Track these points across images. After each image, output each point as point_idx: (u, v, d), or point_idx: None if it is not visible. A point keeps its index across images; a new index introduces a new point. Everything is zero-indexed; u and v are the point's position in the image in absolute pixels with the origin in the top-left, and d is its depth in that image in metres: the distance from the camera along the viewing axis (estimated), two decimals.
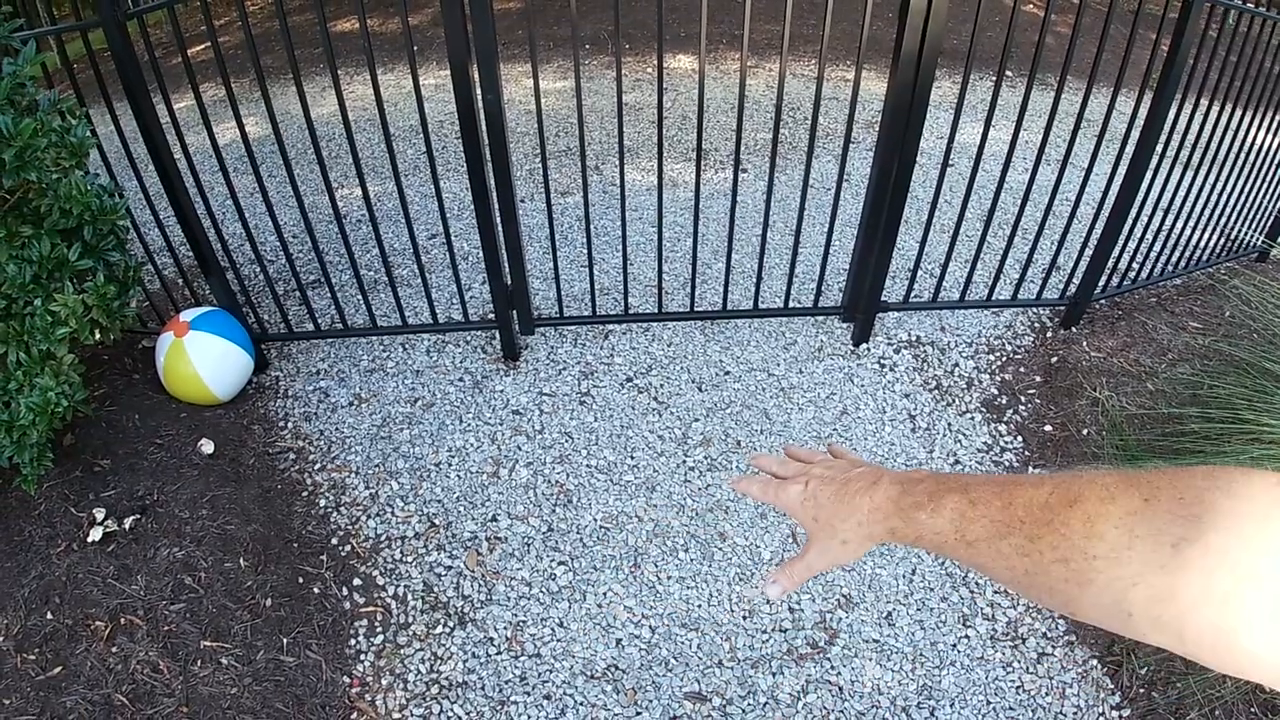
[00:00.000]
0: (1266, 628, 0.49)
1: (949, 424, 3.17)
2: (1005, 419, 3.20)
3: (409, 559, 2.72)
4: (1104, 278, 3.48)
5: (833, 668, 2.43)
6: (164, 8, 2.56)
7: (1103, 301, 3.69)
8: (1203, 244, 3.80)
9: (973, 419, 3.20)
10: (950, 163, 3.11)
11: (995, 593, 2.62)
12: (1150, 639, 0.57)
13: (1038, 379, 3.37)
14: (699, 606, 2.58)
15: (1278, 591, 0.49)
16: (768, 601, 2.56)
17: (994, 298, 3.59)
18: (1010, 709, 2.34)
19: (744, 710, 2.34)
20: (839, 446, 0.97)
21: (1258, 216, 3.99)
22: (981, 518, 0.68)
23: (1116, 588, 0.57)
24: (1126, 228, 3.31)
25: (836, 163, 4.73)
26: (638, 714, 2.33)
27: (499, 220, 3.00)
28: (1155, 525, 0.55)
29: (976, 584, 2.64)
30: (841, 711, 2.33)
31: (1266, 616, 0.49)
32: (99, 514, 2.62)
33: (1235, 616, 0.50)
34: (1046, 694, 2.37)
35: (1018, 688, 2.39)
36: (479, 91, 2.66)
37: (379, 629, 2.53)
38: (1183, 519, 0.54)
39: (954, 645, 2.49)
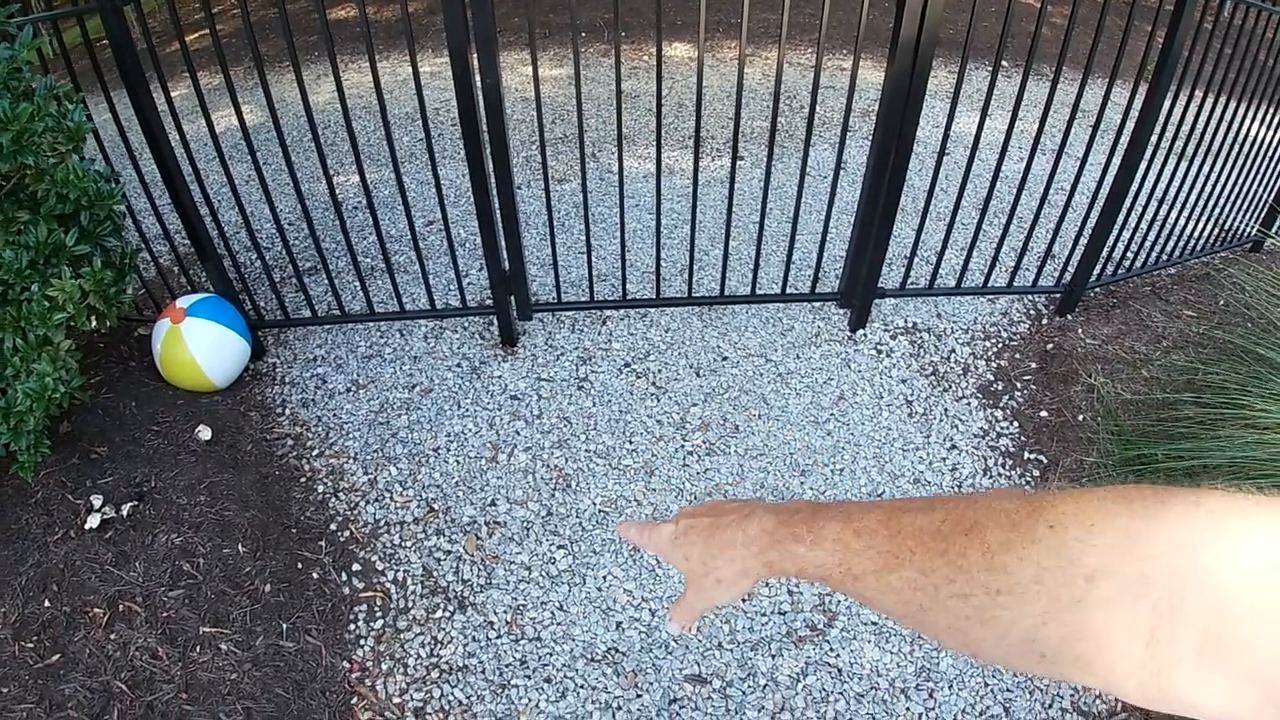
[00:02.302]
0: (1195, 668, 0.45)
1: (945, 409, 3.18)
2: (1001, 405, 3.21)
3: (408, 544, 2.72)
4: (1099, 266, 3.49)
5: (831, 650, 2.45)
6: None
7: (1098, 289, 3.71)
8: (1197, 233, 3.82)
9: (969, 405, 3.21)
10: (947, 151, 3.12)
11: None
12: (1071, 679, 0.51)
13: (1033, 365, 3.38)
14: None
15: (1205, 627, 0.44)
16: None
17: (990, 285, 3.60)
18: (1008, 690, 2.36)
19: (744, 692, 2.36)
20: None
21: (1252, 206, 4.01)
22: (867, 549, 0.62)
23: (1025, 625, 0.51)
24: (1121, 217, 3.32)
25: (833, 151, 4.76)
26: (638, 696, 2.34)
27: (497, 206, 3.00)
28: (1065, 556, 0.49)
29: None
30: (840, 693, 2.35)
31: (1194, 654, 0.45)
32: (96, 501, 2.62)
33: (1164, 655, 0.46)
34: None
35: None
36: (478, 77, 2.65)
37: (378, 614, 2.53)
38: (1095, 548, 0.49)
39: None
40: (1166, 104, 3.03)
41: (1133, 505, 0.49)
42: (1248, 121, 3.44)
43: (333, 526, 2.76)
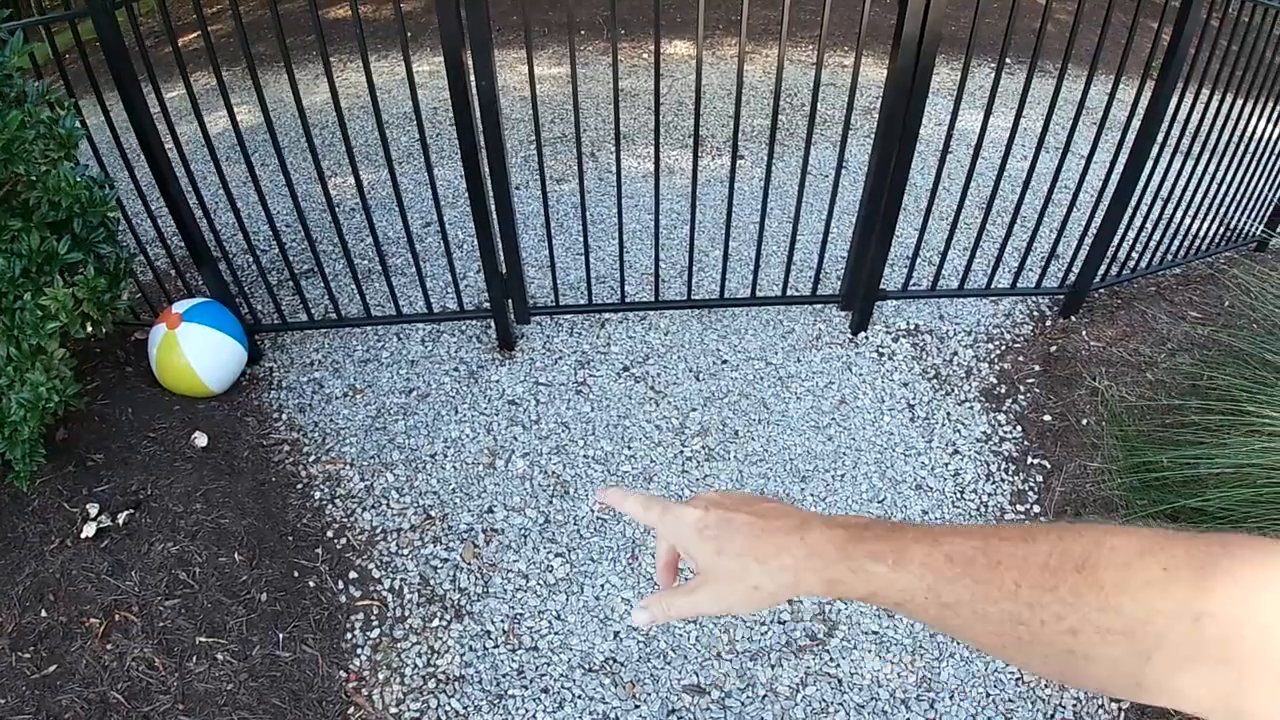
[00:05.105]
0: (1272, 701, 0.48)
1: (948, 413, 3.16)
2: (1004, 408, 3.18)
3: (405, 551, 2.70)
4: (1103, 266, 3.46)
5: (832, 660, 2.42)
6: None
7: (1102, 291, 3.67)
8: (1202, 233, 3.78)
9: (971, 408, 3.18)
10: (950, 150, 3.08)
11: None
12: (1156, 703, 0.54)
13: (1037, 368, 3.35)
14: None
15: None
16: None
17: (993, 286, 3.57)
18: (1009, 701, 2.33)
19: (743, 703, 2.33)
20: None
21: (1257, 206, 3.97)
22: (962, 577, 0.59)
23: (1130, 661, 0.53)
24: (1126, 216, 3.28)
25: (835, 150, 4.72)
26: (636, 707, 2.32)
27: (494, 208, 2.97)
28: (1177, 598, 0.52)
29: None
30: (840, 704, 2.33)
31: (1272, 689, 0.48)
32: (92, 509, 2.60)
33: (1249, 687, 0.49)
34: (1046, 686, 2.36)
35: (1017, 680, 2.38)
36: (473, 78, 2.62)
37: (375, 623, 2.51)
38: (1203, 591, 0.51)
39: (953, 637, 2.47)
40: (1172, 102, 2.99)
41: (1229, 548, 0.52)
42: (1254, 119, 3.40)
43: (329, 534, 2.74)
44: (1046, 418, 3.12)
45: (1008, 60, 2.88)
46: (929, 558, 0.61)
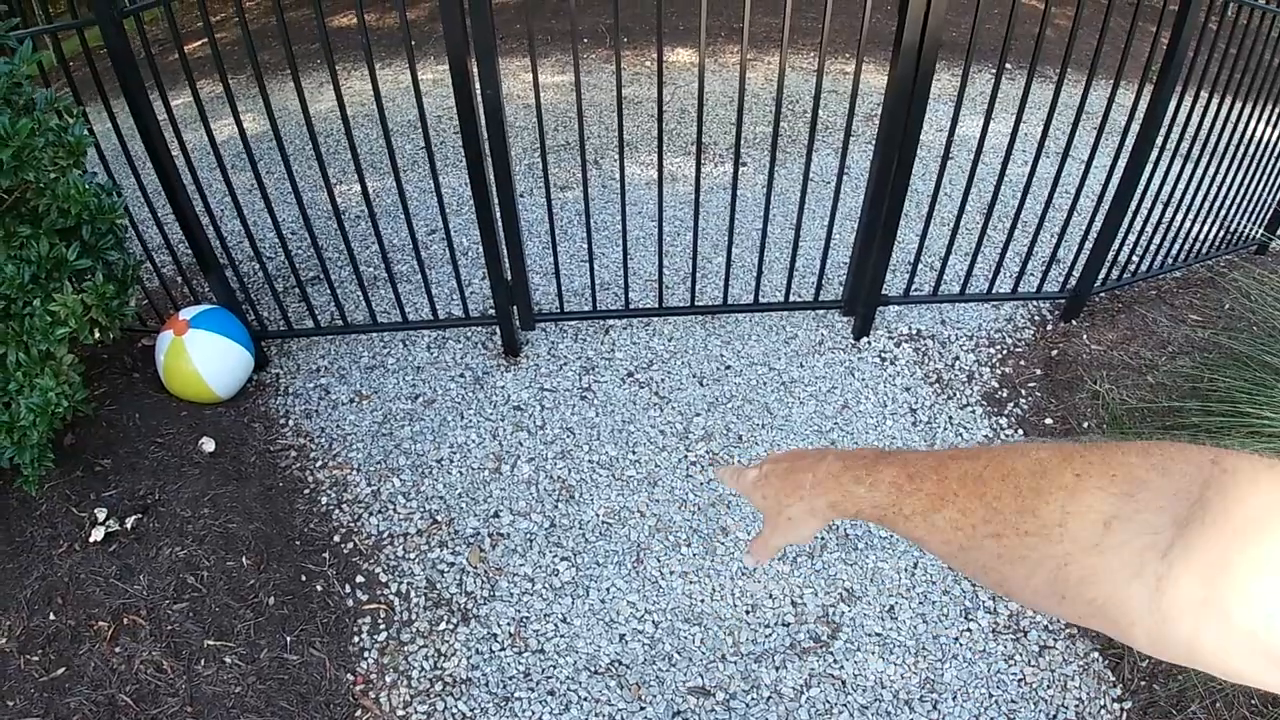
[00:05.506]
0: (1197, 619, 0.46)
1: (950, 417, 3.17)
2: (1006, 412, 3.20)
3: (411, 556, 2.72)
4: (1104, 270, 3.48)
5: (835, 661, 2.43)
6: (160, 4, 2.55)
7: (1102, 294, 3.69)
8: (1202, 237, 3.80)
9: (973, 412, 3.20)
10: (950, 155, 3.10)
11: None
12: (1087, 623, 0.55)
13: (1038, 372, 3.36)
14: (702, 601, 2.58)
15: (1207, 578, 0.46)
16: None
17: (994, 291, 3.59)
18: (1012, 702, 2.34)
19: (747, 704, 2.35)
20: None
21: (1257, 209, 3.98)
22: (917, 491, 0.68)
23: (1049, 567, 0.55)
24: (1126, 220, 3.30)
25: (836, 156, 4.71)
26: (641, 709, 2.33)
27: (499, 215, 2.99)
28: (1086, 502, 0.54)
29: None
30: (844, 705, 2.34)
31: (1197, 605, 0.46)
32: (100, 514, 2.62)
33: (1169, 604, 0.48)
34: (1048, 687, 2.38)
35: (1020, 680, 2.39)
36: (478, 86, 2.65)
37: (382, 626, 2.53)
38: (1115, 496, 0.52)
39: (956, 638, 2.49)
40: (1171, 105, 3.01)
41: (1150, 457, 0.53)
42: (1253, 122, 3.42)
43: (336, 538, 2.76)
44: (1048, 421, 3.14)
45: (1007, 65, 2.90)
46: (896, 477, 0.70)
